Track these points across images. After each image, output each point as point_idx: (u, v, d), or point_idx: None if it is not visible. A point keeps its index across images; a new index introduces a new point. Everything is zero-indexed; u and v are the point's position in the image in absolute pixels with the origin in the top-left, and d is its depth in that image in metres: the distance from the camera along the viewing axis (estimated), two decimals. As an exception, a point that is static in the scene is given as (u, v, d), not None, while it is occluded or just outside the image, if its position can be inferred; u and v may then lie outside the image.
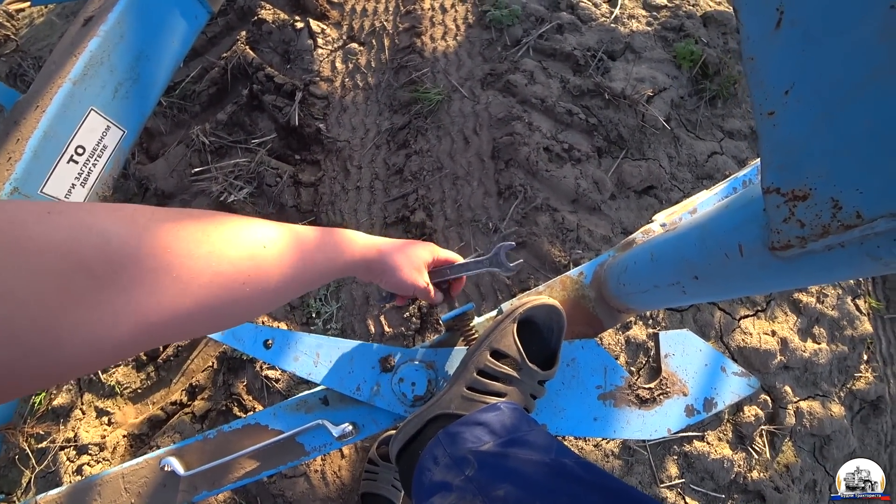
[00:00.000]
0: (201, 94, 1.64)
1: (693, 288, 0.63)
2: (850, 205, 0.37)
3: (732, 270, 0.55)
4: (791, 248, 0.44)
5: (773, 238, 0.46)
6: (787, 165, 0.43)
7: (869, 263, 0.40)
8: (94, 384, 1.46)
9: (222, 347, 1.48)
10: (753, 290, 0.58)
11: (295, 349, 0.90)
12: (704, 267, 0.59)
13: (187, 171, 1.57)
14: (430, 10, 1.75)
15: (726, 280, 0.58)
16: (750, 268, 0.53)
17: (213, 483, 0.92)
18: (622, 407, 0.91)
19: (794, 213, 0.43)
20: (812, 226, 0.41)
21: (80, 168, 1.16)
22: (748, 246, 0.51)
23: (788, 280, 0.51)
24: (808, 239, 0.42)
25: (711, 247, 0.57)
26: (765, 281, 0.53)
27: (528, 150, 1.54)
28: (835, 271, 0.45)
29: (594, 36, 1.74)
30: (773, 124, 0.43)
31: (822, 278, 0.49)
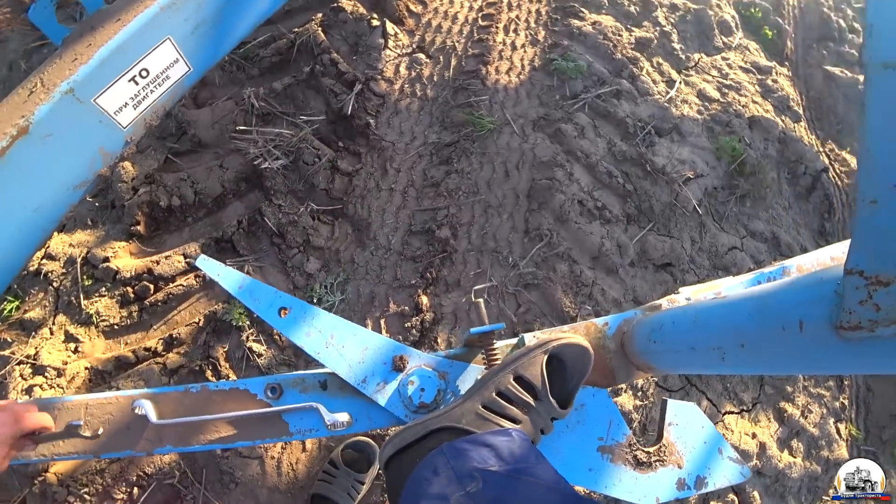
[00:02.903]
0: (264, 59, 1.66)
1: (735, 356, 0.63)
2: None
3: (786, 344, 0.55)
4: (860, 329, 0.45)
5: (844, 318, 0.47)
6: (877, 251, 0.44)
7: None
8: (73, 307, 1.40)
9: (214, 306, 1.44)
10: (802, 367, 0.58)
11: (310, 324, 0.87)
12: (756, 337, 0.60)
13: (229, 128, 1.57)
14: (501, 44, 1.82)
15: (776, 353, 0.58)
16: (807, 344, 0.53)
17: (181, 440, 0.87)
18: (618, 464, 0.89)
19: (871, 297, 0.44)
20: (888, 311, 0.42)
21: (138, 90, 1.15)
22: (810, 323, 0.52)
23: (844, 362, 0.51)
24: (881, 323, 0.43)
25: (769, 318, 0.58)
26: (818, 360, 0.54)
27: (563, 199, 1.57)
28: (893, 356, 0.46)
29: (647, 109, 1.81)
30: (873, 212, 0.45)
31: (880, 366, 0.49)
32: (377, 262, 1.48)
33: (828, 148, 2.02)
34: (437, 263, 1.45)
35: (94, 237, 1.48)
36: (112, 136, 1.15)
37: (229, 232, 1.49)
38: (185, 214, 1.53)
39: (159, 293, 1.44)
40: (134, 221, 1.48)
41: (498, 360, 0.82)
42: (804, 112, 2.07)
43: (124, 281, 1.43)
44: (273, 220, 1.49)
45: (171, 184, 1.50)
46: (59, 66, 1.05)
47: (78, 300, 1.42)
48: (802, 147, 1.89)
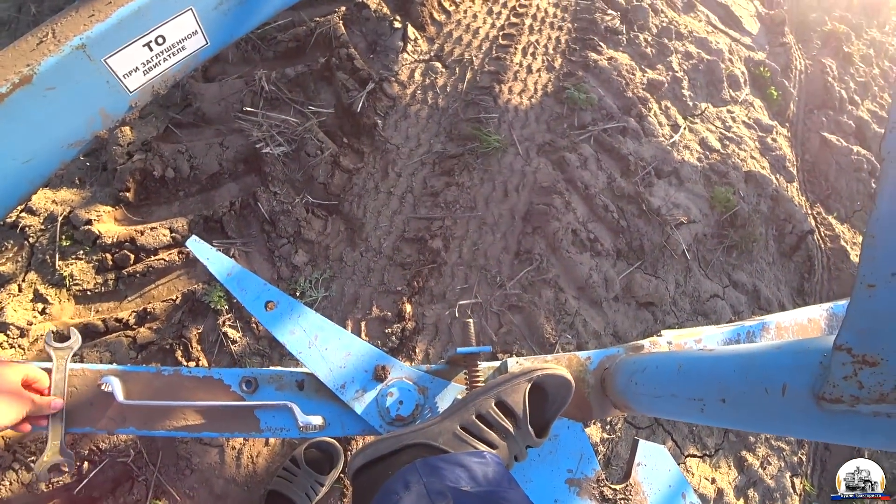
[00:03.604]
0: (280, 43, 1.65)
1: (715, 409, 0.64)
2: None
3: (767, 406, 0.56)
4: (841, 403, 0.46)
5: (827, 390, 0.48)
6: (868, 332, 0.46)
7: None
8: (46, 266, 1.35)
9: (193, 286, 1.41)
10: (779, 429, 0.59)
11: (295, 322, 0.86)
12: (738, 394, 0.61)
13: (235, 107, 1.55)
14: (517, 65, 1.83)
15: (756, 412, 0.59)
16: (787, 409, 0.54)
17: (146, 423, 0.85)
18: (584, 498, 0.90)
19: (856, 374, 0.45)
20: (870, 390, 0.44)
21: (152, 56, 1.12)
22: (793, 389, 0.53)
23: (820, 431, 0.52)
24: (862, 401, 0.44)
25: (753, 377, 0.59)
26: (796, 425, 0.55)
27: (557, 226, 1.58)
28: (870, 437, 0.47)
29: (650, 150, 1.84)
30: (870, 295, 0.46)
31: (854, 439, 0.51)
32: (366, 264, 1.47)
33: (815, 211, 2.09)
34: (426, 273, 1.45)
35: (80, 197, 1.44)
36: (116, 98, 1.12)
37: (220, 212, 1.46)
38: (178, 188, 1.50)
39: (139, 264, 1.40)
40: (124, 187, 1.44)
41: (480, 382, 0.81)
42: (798, 173, 2.13)
43: (104, 247, 1.39)
44: (266, 206, 1.47)
45: (167, 154, 1.47)
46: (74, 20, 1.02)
47: (53, 260, 1.37)
48: (793, 207, 1.94)
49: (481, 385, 0.81)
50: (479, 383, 0.81)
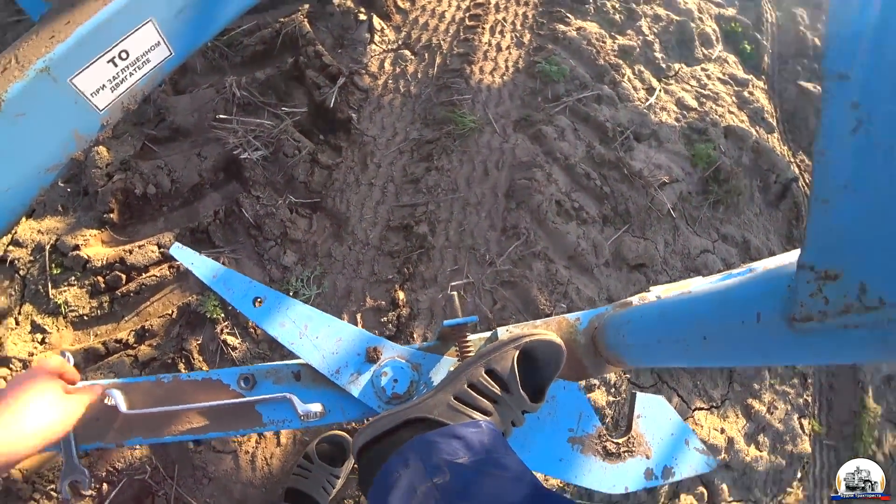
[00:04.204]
0: (247, 47, 1.65)
1: (697, 348, 0.66)
2: (875, 290, 0.40)
3: (745, 336, 0.58)
4: (811, 321, 0.47)
5: (796, 310, 0.49)
6: (827, 246, 0.47)
7: (878, 347, 0.43)
8: (39, 296, 1.36)
9: (188, 298, 1.42)
10: (759, 359, 0.60)
11: (284, 315, 0.87)
12: (717, 329, 0.62)
13: (209, 116, 1.55)
14: (486, 45, 1.83)
15: (735, 345, 0.60)
16: (763, 336, 0.55)
17: (152, 431, 0.86)
18: (588, 455, 0.92)
19: (821, 290, 0.46)
20: (836, 304, 0.45)
21: (117, 72, 1.12)
22: (766, 315, 0.54)
23: (797, 353, 0.54)
24: (829, 315, 0.45)
25: (729, 311, 0.60)
26: (774, 351, 0.56)
27: (541, 199, 1.59)
28: (843, 351, 0.48)
29: (627, 115, 1.85)
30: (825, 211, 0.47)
31: (828, 356, 0.52)
32: (354, 257, 1.48)
33: (798, 159, 2.10)
34: (415, 259, 1.46)
35: (65, 224, 1.45)
36: (87, 118, 1.12)
37: (205, 222, 1.47)
38: (161, 203, 1.50)
39: (131, 283, 1.42)
40: (107, 209, 1.45)
41: (471, 352, 0.83)
42: (777, 124, 2.14)
43: (95, 270, 1.40)
44: (251, 211, 1.47)
45: (147, 171, 1.47)
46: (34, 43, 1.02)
47: (46, 289, 1.38)
48: (775, 157, 1.95)
49: (470, 353, 0.82)
50: (470, 354, 0.82)
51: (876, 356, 0.47)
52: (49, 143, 1.09)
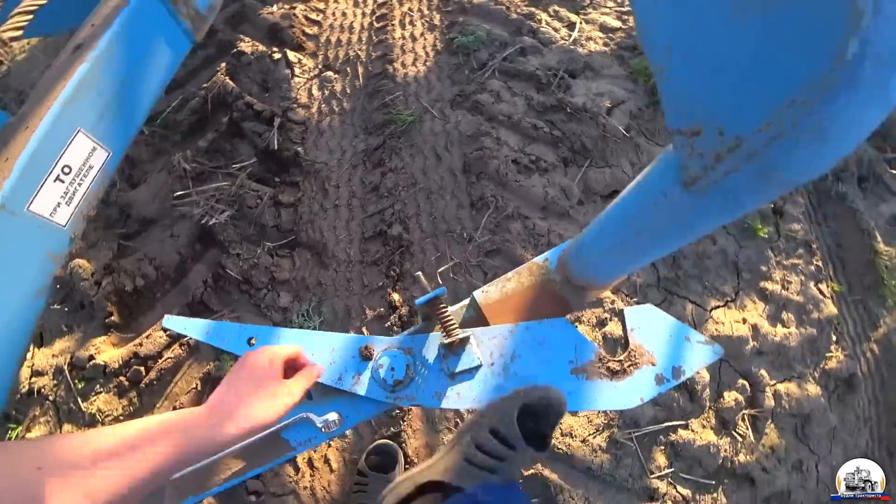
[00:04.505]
0: (182, 122, 1.71)
1: (637, 244, 0.70)
2: (730, 130, 0.44)
3: (662, 216, 0.61)
4: (698, 179, 0.51)
5: (684, 175, 0.53)
6: (681, 108, 0.51)
7: (763, 183, 0.47)
8: (74, 413, 1.44)
9: (206, 367, 1.49)
10: (683, 234, 0.63)
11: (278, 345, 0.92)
12: (641, 220, 0.66)
13: (169, 197, 1.62)
14: (400, 39, 1.87)
15: (660, 228, 0.64)
16: (675, 210, 0.59)
17: (200, 486, 0.92)
18: (595, 380, 0.94)
19: (693, 148, 0.50)
20: (708, 155, 0.48)
21: (66, 187, 1.19)
22: (670, 190, 0.58)
23: (707, 214, 0.57)
24: (709, 168, 0.49)
25: (644, 200, 0.64)
26: (690, 220, 0.59)
27: (497, 163, 1.63)
28: (741, 198, 0.52)
29: (555, 57, 1.87)
30: (666, 77, 0.51)
31: (733, 208, 0.55)
32: (343, 277, 1.53)
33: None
34: (398, 259, 1.50)
35: (74, 341, 1.53)
36: (55, 237, 1.19)
37: (198, 293, 1.54)
38: (153, 291, 1.58)
39: (151, 373, 1.49)
40: (106, 314, 1.53)
41: (453, 322, 0.87)
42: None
43: (115, 372, 1.48)
44: (235, 269, 1.54)
45: (130, 267, 1.55)
46: (-17, 187, 1.10)
47: (77, 405, 1.46)
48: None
49: (453, 324, 0.86)
50: (452, 324, 0.86)
51: (767, 192, 0.50)
52: (28, 271, 1.16)
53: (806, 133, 0.40)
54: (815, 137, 0.40)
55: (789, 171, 0.44)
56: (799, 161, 0.43)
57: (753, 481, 1.49)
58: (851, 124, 0.40)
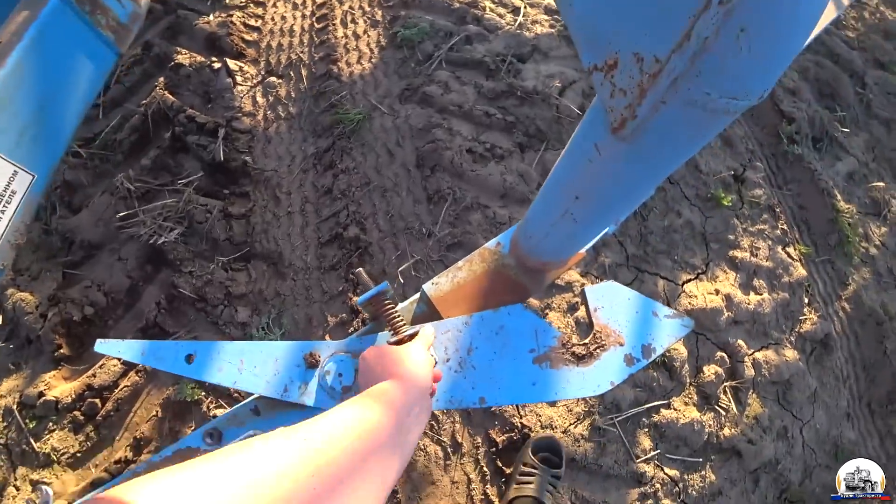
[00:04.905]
0: (123, 142, 1.64)
1: (579, 210, 0.66)
2: (648, 51, 0.40)
3: (598, 173, 0.57)
4: (626, 121, 0.46)
5: (611, 120, 0.49)
6: (592, 38, 0.46)
7: (695, 114, 0.42)
8: (27, 454, 1.36)
9: (165, 393, 1.41)
10: (624, 191, 0.59)
11: (218, 359, 0.86)
12: (578, 181, 0.62)
13: (113, 220, 1.54)
14: (343, 38, 1.83)
15: (598, 188, 0.60)
16: (609, 163, 0.55)
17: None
18: (559, 367, 0.89)
19: (614, 84, 0.46)
20: (631, 90, 0.44)
21: (-13, 215, 1.12)
22: (601, 141, 0.54)
23: (643, 162, 0.53)
24: (634, 105, 0.44)
25: (578, 159, 0.60)
26: (626, 173, 0.55)
27: (451, 154, 1.58)
28: (675, 137, 0.47)
29: (502, 42, 1.84)
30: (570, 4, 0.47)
31: (670, 153, 0.51)
32: (301, 286, 1.47)
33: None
34: (356, 262, 1.45)
35: (22, 379, 1.44)
36: (-21, 270, 1.12)
37: (152, 317, 1.46)
38: (104, 319, 1.50)
39: (108, 404, 1.41)
40: (55, 347, 1.44)
41: (400, 320, 0.82)
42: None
43: (68, 407, 1.39)
44: (189, 287, 1.47)
45: (77, 296, 1.47)
46: None
47: (30, 445, 1.37)
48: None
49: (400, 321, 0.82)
50: (399, 321, 0.82)
51: (699, 123, 0.45)
52: (-48, 308, 1.09)
53: (732, 40, 0.35)
54: (744, 43, 0.35)
55: (720, 92, 0.39)
56: (730, 77, 0.38)
57: (740, 454, 1.47)
58: (785, 20, 0.36)
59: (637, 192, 0.61)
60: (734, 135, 1.82)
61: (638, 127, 0.47)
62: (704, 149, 1.82)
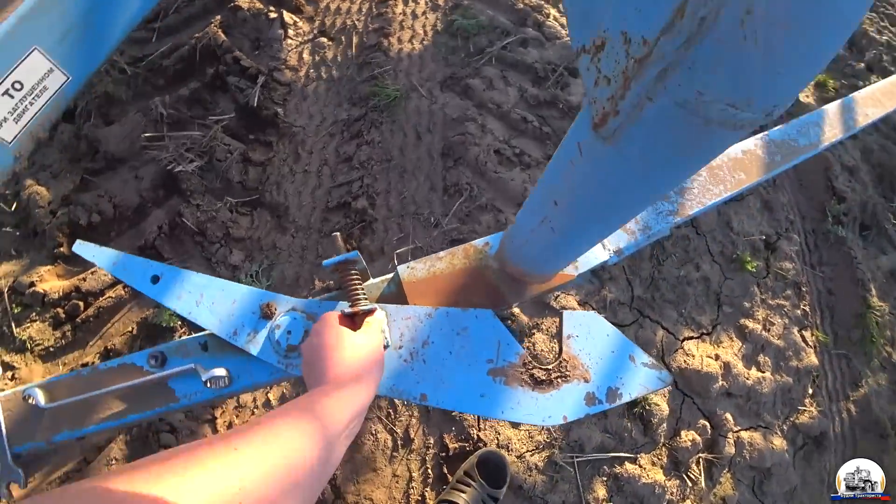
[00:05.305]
0: (168, 68, 1.68)
1: (557, 217, 0.62)
2: (636, 32, 0.35)
3: (577, 177, 0.54)
4: (608, 116, 0.42)
5: (593, 113, 0.44)
6: (584, 13, 0.41)
7: (685, 118, 0.36)
8: (5, 337, 1.41)
9: (145, 314, 1.44)
10: (604, 201, 0.54)
11: (181, 287, 0.86)
12: (559, 184, 0.58)
13: (140, 139, 1.58)
14: (401, 15, 1.82)
15: (578, 194, 0.56)
16: (588, 168, 0.51)
17: (77, 422, 0.87)
18: (514, 386, 0.84)
19: (600, 70, 0.41)
20: (615, 77, 0.39)
21: (15, 103, 1.15)
22: (584, 140, 0.49)
23: (625, 174, 0.48)
24: (618, 97, 0.40)
25: (562, 159, 0.57)
26: (607, 179, 0.51)
27: (478, 151, 1.55)
28: (663, 146, 0.41)
29: (557, 52, 1.79)
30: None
31: (655, 161, 0.45)
32: (299, 244, 1.47)
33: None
34: (357, 234, 1.44)
35: (20, 266, 1.50)
36: (-2, 152, 1.17)
37: (151, 239, 1.49)
38: (108, 229, 1.54)
39: (90, 309, 1.45)
40: (56, 244, 1.49)
41: (359, 292, 0.79)
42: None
43: (53, 302, 1.44)
44: (192, 219, 1.49)
45: (88, 202, 1.51)
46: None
47: (10, 329, 1.42)
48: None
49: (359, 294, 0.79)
50: (358, 293, 0.79)
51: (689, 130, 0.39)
52: (-36, 180, 1.13)
53: (734, 24, 0.28)
54: (750, 30, 0.28)
55: (716, 94, 0.32)
56: (729, 75, 0.31)
57: (695, 529, 1.39)
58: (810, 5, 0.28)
59: (618, 206, 0.56)
60: (776, 200, 1.72)
61: (621, 126, 0.42)
62: (740, 207, 1.72)
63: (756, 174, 1.14)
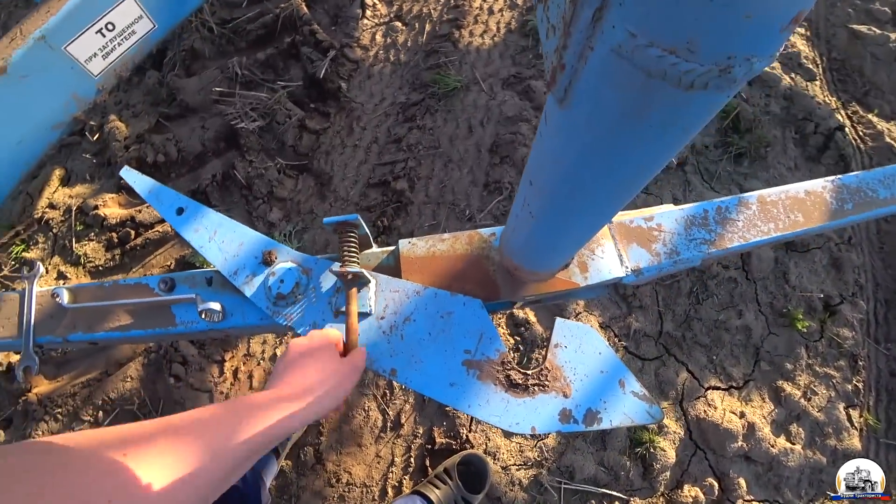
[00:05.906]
0: (251, 32, 1.79)
1: (533, 199, 0.59)
2: None
3: (543, 149, 0.50)
4: (556, 73, 0.38)
5: (546, 72, 0.41)
6: None
7: (629, 73, 0.31)
8: (66, 250, 1.56)
9: (184, 251, 1.54)
10: (571, 184, 0.50)
11: (199, 222, 0.92)
12: (531, 162, 0.56)
13: (213, 93, 1.70)
14: (476, 9, 1.83)
15: (546, 170, 0.52)
16: (551, 138, 0.47)
17: (89, 327, 0.94)
18: (486, 382, 0.80)
19: (548, 19, 0.38)
20: (558, 25, 0.36)
21: (105, 42, 1.29)
22: (548, 108, 0.46)
23: (580, 144, 0.43)
24: (561, 48, 0.36)
25: (537, 134, 0.54)
26: (566, 155, 0.46)
27: (526, 152, 1.53)
28: (610, 108, 0.36)
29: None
30: None
31: (608, 133, 0.40)
32: (335, 213, 1.52)
33: (851, 110, 1.79)
34: (391, 213, 1.46)
35: (90, 189, 1.66)
36: (84, 82, 1.30)
37: (204, 185, 1.60)
38: (169, 170, 1.67)
39: (139, 238, 1.57)
40: (124, 175, 1.64)
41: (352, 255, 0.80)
42: (823, 73, 1.86)
43: (110, 227, 1.58)
44: (243, 173, 1.58)
45: (157, 143, 1.65)
46: (34, 18, 1.22)
47: (71, 244, 1.58)
48: (812, 103, 1.70)
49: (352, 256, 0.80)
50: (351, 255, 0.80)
51: (633, 87, 0.31)
52: (52, 103, 1.27)
53: None
54: None
55: (651, 35, 0.26)
56: (664, 11, 0.25)
57: (679, 590, 1.27)
58: None
59: (582, 184, 0.50)
60: (847, 259, 1.55)
61: (570, 85, 0.37)
62: (802, 259, 1.57)
63: (817, 219, 1.03)
